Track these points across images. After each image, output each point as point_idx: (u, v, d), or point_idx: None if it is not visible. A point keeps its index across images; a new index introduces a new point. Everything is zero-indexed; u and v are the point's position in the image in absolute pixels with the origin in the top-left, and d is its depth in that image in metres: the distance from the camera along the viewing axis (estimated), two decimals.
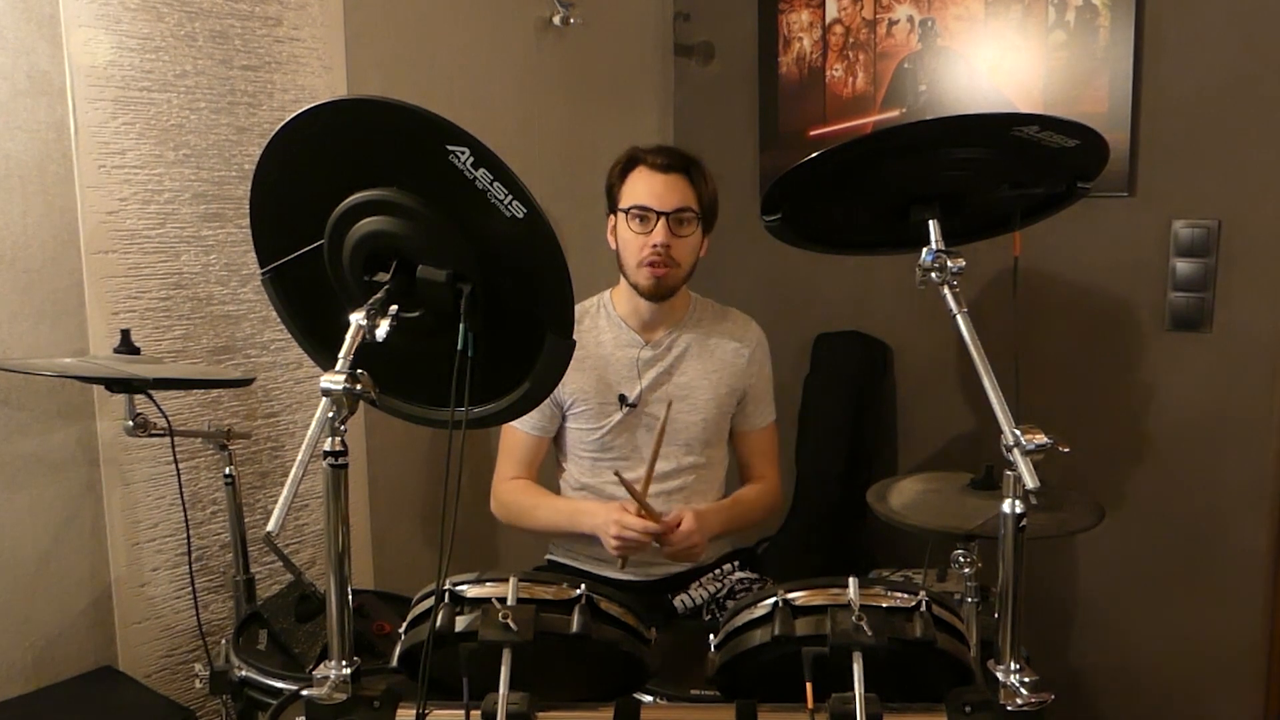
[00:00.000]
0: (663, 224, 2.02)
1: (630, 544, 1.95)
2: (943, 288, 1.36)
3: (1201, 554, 2.45)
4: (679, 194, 2.04)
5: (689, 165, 2.07)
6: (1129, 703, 2.60)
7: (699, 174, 2.07)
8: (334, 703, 1.21)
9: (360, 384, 1.16)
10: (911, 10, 2.72)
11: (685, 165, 2.06)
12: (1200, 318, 2.40)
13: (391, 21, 2.47)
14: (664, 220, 2.02)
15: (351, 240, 1.23)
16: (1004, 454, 1.21)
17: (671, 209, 2.02)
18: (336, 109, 1.24)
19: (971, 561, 1.74)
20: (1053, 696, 1.21)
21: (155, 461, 2.12)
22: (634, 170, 2.07)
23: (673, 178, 2.04)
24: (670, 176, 2.04)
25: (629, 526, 1.94)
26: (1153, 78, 2.40)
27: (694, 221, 2.06)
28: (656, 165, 2.05)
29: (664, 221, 2.02)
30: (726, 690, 1.32)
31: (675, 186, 2.04)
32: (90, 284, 2.01)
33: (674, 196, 2.03)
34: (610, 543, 1.96)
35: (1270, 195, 2.30)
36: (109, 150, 2.01)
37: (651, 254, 2.02)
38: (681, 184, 2.05)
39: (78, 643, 2.05)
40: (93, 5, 1.97)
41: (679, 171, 2.05)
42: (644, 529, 1.94)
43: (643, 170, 2.06)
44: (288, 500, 1.11)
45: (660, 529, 1.95)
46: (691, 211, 2.05)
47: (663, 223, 2.02)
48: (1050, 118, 1.37)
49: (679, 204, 2.03)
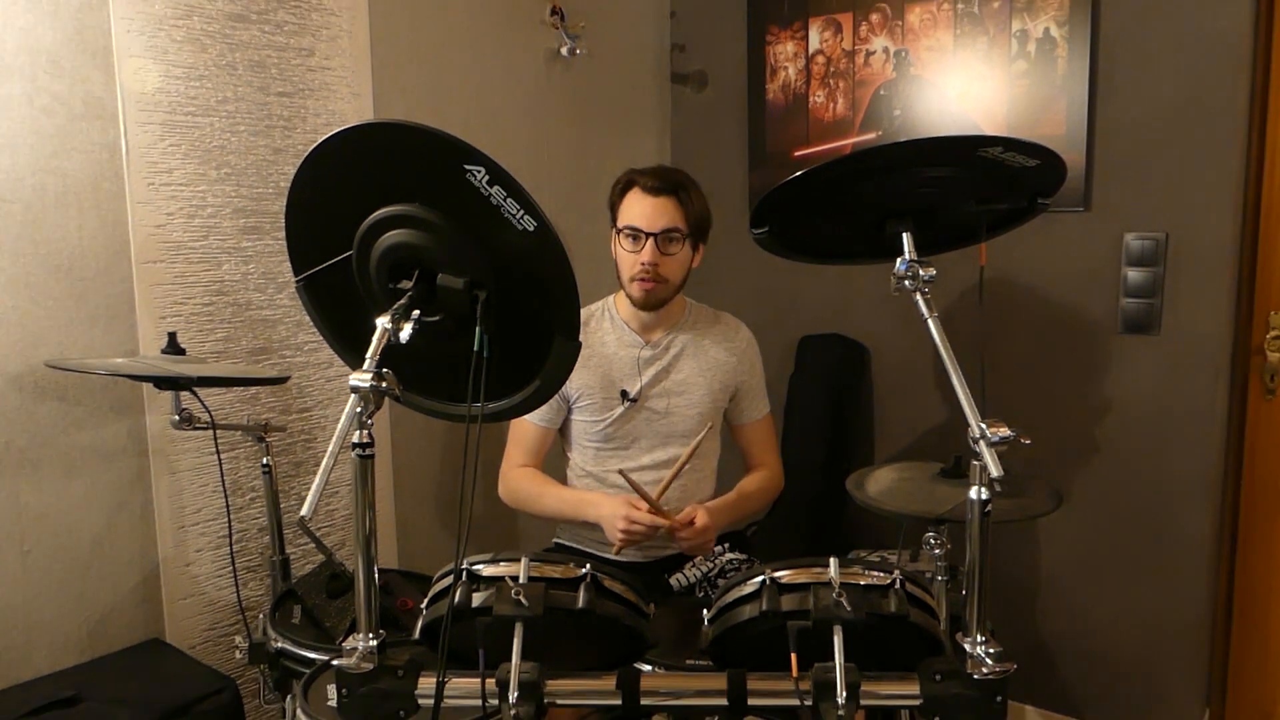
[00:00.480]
0: (651, 244, 2.02)
1: (635, 536, 1.96)
2: (915, 294, 1.36)
3: (1151, 537, 2.45)
4: (667, 216, 2.02)
5: (678, 187, 2.04)
6: (1085, 672, 2.60)
7: (687, 195, 2.05)
8: (362, 671, 1.20)
9: (385, 382, 1.15)
10: (887, 42, 2.71)
11: (674, 187, 2.04)
12: (1150, 322, 2.40)
13: (414, 53, 2.47)
14: (652, 240, 2.02)
15: (377, 251, 1.22)
16: (971, 445, 1.21)
17: (659, 230, 2.02)
18: (364, 132, 1.25)
19: (941, 543, 1.75)
20: (1015, 666, 1.20)
21: (199, 452, 2.12)
22: (630, 191, 2.06)
23: (662, 200, 2.03)
24: (660, 199, 2.03)
25: (638, 521, 1.94)
26: (1106, 103, 2.40)
27: (681, 240, 2.05)
28: (648, 188, 2.04)
29: (652, 242, 2.02)
30: (718, 660, 1.32)
31: (664, 209, 2.02)
32: (140, 291, 2.01)
33: (662, 218, 2.02)
34: (616, 535, 1.96)
35: (1213, 209, 2.30)
36: (157, 169, 2.01)
37: (641, 271, 2.03)
38: (670, 206, 2.03)
39: (128, 617, 2.05)
40: (143, 37, 1.97)
41: (668, 194, 2.03)
42: (652, 523, 1.95)
43: (636, 192, 2.05)
44: (320, 487, 1.11)
45: (669, 525, 1.96)
46: (679, 231, 2.04)
47: (651, 243, 2.02)
48: (1013, 140, 1.37)
49: (666, 225, 2.02)
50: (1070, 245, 2.48)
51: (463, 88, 2.60)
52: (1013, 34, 2.50)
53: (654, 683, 1.27)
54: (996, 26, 2.52)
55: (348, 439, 1.16)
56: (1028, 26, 2.47)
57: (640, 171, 2.08)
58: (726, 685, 1.24)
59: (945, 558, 1.74)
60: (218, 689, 1.88)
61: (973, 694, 1.19)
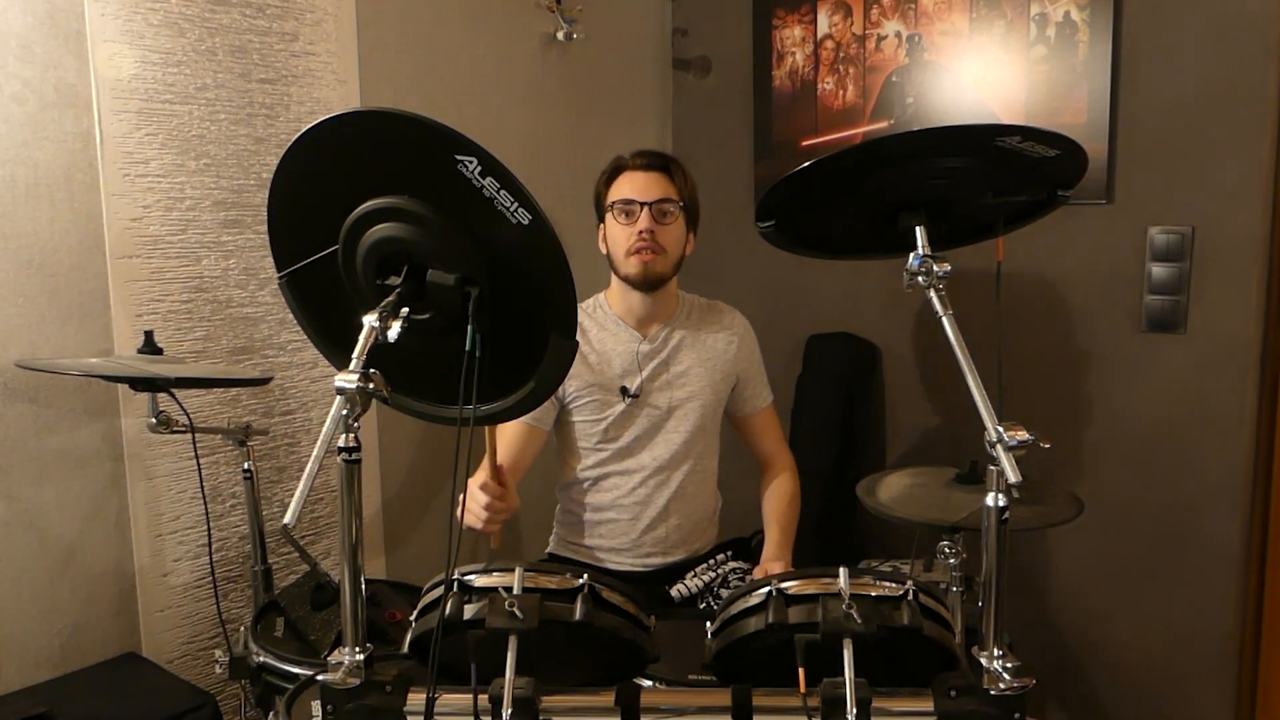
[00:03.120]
0: (646, 212, 2.06)
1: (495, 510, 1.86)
2: (929, 291, 1.36)
3: (1177, 545, 2.45)
4: (660, 187, 2.09)
5: (668, 163, 2.12)
6: (1108, 688, 2.60)
7: (678, 171, 2.13)
8: (348, 687, 1.20)
9: (373, 383, 1.15)
10: (899, 26, 2.72)
11: (664, 163, 2.12)
12: (1175, 320, 2.40)
13: (403, 37, 2.47)
14: (647, 209, 2.06)
15: (364, 246, 1.22)
16: (987, 449, 1.21)
17: (654, 199, 2.07)
18: (350, 120, 1.24)
19: (956, 552, 1.75)
20: (1034, 681, 1.20)
21: (177, 457, 2.12)
22: (618, 174, 2.12)
23: (653, 174, 2.10)
24: (651, 174, 2.10)
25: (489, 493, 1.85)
26: (1129, 90, 2.40)
27: (676, 212, 2.09)
28: (638, 165, 2.11)
29: (647, 210, 2.06)
30: (722, 675, 1.32)
31: (656, 181, 2.09)
32: (115, 287, 2.01)
33: (656, 189, 2.08)
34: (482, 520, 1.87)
35: (1241, 202, 2.30)
36: (133, 160, 2.01)
37: (639, 241, 2.06)
38: (662, 179, 2.10)
39: (103, 630, 2.05)
40: (118, 21, 1.96)
41: (658, 169, 2.11)
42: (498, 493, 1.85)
43: (625, 172, 2.11)
44: (304, 494, 1.11)
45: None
46: (673, 202, 2.09)
47: (646, 211, 2.06)
48: (1031, 129, 1.37)
49: (661, 195, 2.08)
50: (1092, 239, 2.48)
51: (454, 74, 2.60)
52: (1031, 17, 2.50)
53: (655, 699, 1.27)
54: (1014, 10, 2.52)
55: (333, 443, 1.16)
56: (1047, 10, 2.47)
57: (626, 154, 2.15)
58: (731, 701, 1.24)
59: (960, 568, 1.75)
60: (197, 705, 1.88)
61: (990, 710, 1.19)
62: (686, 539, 2.19)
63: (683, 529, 2.17)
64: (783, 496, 2.22)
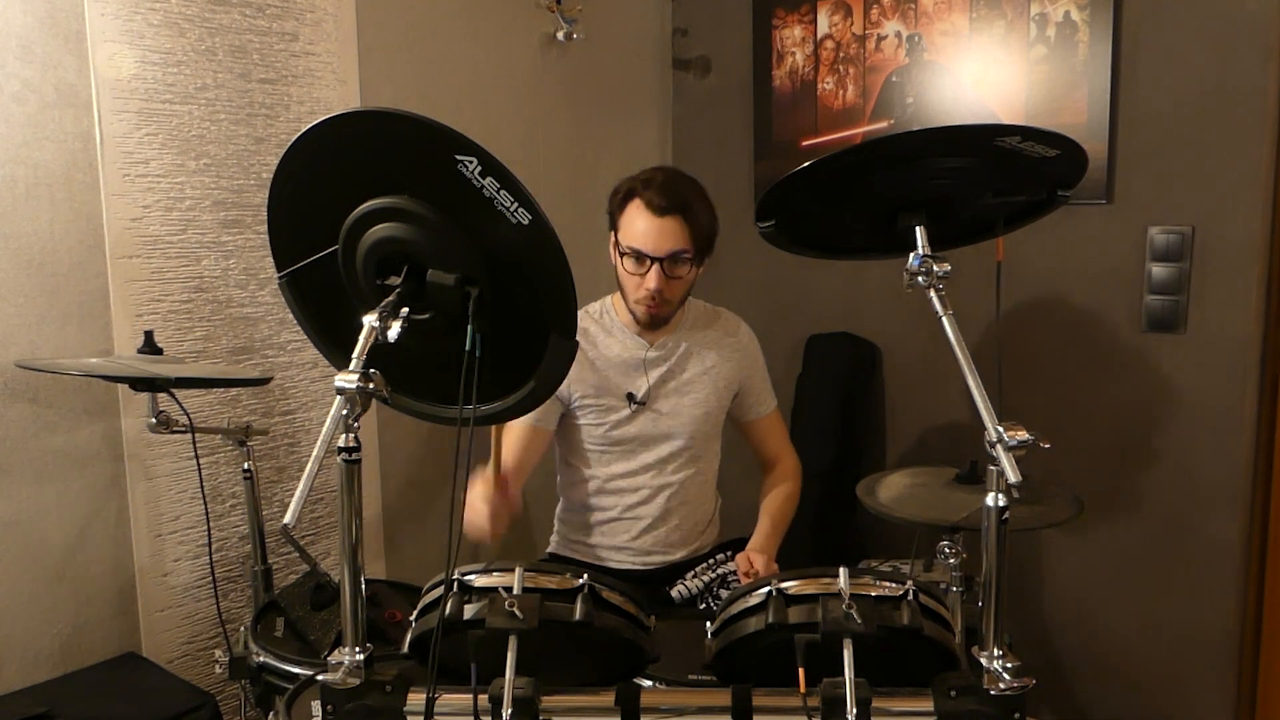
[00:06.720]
0: (656, 269, 1.99)
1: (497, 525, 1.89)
2: (929, 291, 1.36)
3: (1176, 546, 2.45)
4: (673, 238, 1.98)
5: (685, 206, 1.98)
6: (1107, 687, 2.59)
7: (694, 214, 1.98)
8: (348, 687, 1.20)
9: (373, 383, 1.15)
10: (899, 26, 2.72)
11: (681, 206, 1.97)
12: (1175, 320, 2.40)
13: (403, 37, 2.47)
14: (658, 266, 1.99)
15: (364, 246, 1.22)
16: (987, 450, 1.21)
17: (665, 254, 1.98)
18: (350, 120, 1.24)
19: (956, 552, 1.75)
20: (1034, 681, 1.20)
21: (177, 457, 2.12)
22: (631, 203, 2.01)
23: (668, 221, 1.97)
24: (665, 220, 1.97)
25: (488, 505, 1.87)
26: (1129, 90, 2.40)
27: (688, 262, 2.02)
28: (653, 206, 1.97)
29: (658, 267, 1.99)
30: (722, 675, 1.32)
31: (669, 230, 1.97)
32: (115, 287, 2.01)
33: (668, 241, 1.98)
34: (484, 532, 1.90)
35: (1241, 202, 2.30)
36: (133, 160, 2.01)
37: (646, 297, 2.02)
38: (676, 226, 1.97)
39: (103, 630, 2.05)
40: (118, 21, 1.96)
41: (674, 214, 1.97)
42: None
43: (639, 207, 1.99)
44: (304, 494, 1.11)
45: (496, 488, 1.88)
46: (686, 254, 2.00)
47: (656, 268, 1.99)
48: (1032, 129, 1.37)
49: (672, 248, 1.98)
50: (1092, 239, 2.48)
51: (454, 74, 2.60)
52: (1031, 17, 2.50)
53: (655, 699, 1.27)
54: (1014, 9, 2.52)
55: (333, 443, 1.16)
56: (1047, 9, 2.47)
57: (644, 183, 2.00)
58: (731, 701, 1.24)
59: (960, 568, 1.75)
60: (197, 705, 1.88)
61: (990, 710, 1.19)
62: (687, 539, 2.19)
63: (683, 529, 2.18)
64: (780, 493, 2.23)
